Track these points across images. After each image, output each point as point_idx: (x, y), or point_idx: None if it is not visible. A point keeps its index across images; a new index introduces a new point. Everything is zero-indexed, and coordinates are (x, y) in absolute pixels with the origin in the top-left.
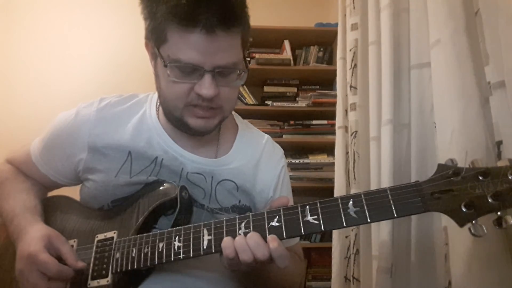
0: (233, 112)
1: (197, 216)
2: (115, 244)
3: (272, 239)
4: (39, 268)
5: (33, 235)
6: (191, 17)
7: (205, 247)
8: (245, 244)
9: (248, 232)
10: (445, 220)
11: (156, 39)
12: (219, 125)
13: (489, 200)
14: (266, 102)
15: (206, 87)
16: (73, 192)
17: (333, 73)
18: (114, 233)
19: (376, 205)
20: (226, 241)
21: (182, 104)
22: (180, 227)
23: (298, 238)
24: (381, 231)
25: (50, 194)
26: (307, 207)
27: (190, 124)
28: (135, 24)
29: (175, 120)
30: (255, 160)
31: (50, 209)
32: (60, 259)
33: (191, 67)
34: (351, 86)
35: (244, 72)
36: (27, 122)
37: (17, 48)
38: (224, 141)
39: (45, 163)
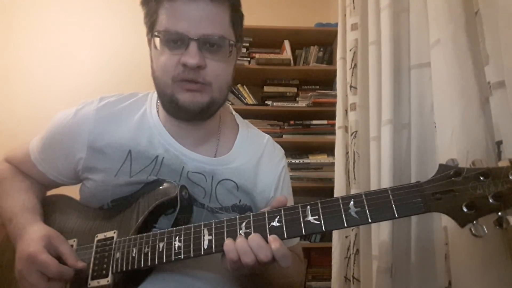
0: (234, 112)
1: (197, 215)
2: (115, 244)
3: (273, 240)
4: (39, 268)
5: (33, 235)
6: None
7: (205, 247)
8: (247, 246)
9: (248, 232)
10: (445, 220)
11: (149, 21)
12: (211, 108)
13: (490, 201)
14: (266, 102)
15: (191, 55)
16: (72, 192)
17: (333, 73)
18: (114, 232)
19: (377, 205)
20: (228, 244)
21: (170, 79)
22: (181, 227)
23: (298, 238)
24: (381, 231)
25: (50, 193)
26: (308, 207)
27: (180, 101)
28: (135, 25)
29: (168, 102)
30: (255, 160)
31: (50, 209)
32: (59, 259)
33: (176, 35)
34: (351, 86)
35: (236, 47)
36: (27, 122)
37: (17, 48)
38: (224, 140)
39: (44, 162)
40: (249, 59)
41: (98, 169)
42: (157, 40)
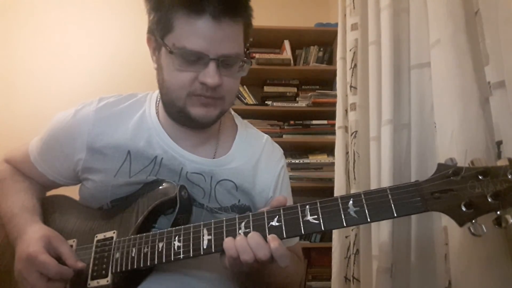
0: (233, 112)
1: (196, 215)
2: (114, 244)
3: (272, 239)
4: (38, 268)
5: (32, 236)
6: (198, 4)
7: (205, 246)
8: (246, 244)
9: (248, 232)
10: (445, 220)
11: (161, 29)
12: (219, 118)
13: (489, 200)
14: (266, 102)
15: (211, 75)
16: (72, 192)
17: (333, 73)
18: (114, 233)
19: (376, 204)
20: (228, 241)
21: (185, 94)
22: (180, 226)
23: (298, 238)
24: (381, 231)
25: (49, 193)
26: (307, 206)
27: (192, 114)
28: (134, 24)
29: (177, 112)
30: (254, 160)
31: (49, 209)
32: (59, 259)
33: (196, 54)
34: (351, 86)
35: (246, 64)
36: (27, 122)
37: (17, 48)
38: (223, 141)
39: (43, 162)
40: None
41: (97, 169)
42: (170, 53)
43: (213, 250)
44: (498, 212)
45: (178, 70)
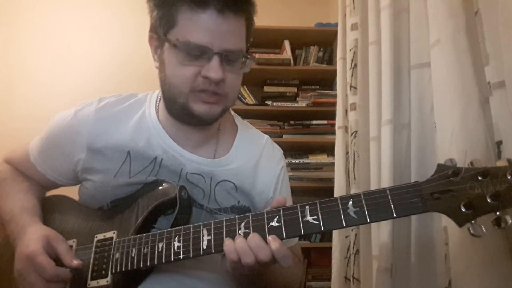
0: (233, 113)
1: (196, 216)
2: (114, 244)
3: (273, 240)
4: (36, 270)
5: (32, 236)
6: None
7: (204, 247)
8: (246, 246)
9: (248, 233)
10: (445, 220)
11: (165, 24)
12: (222, 115)
13: (488, 200)
14: (266, 102)
15: (214, 69)
16: (72, 192)
17: (333, 73)
18: (114, 233)
19: (376, 205)
20: (228, 245)
21: (188, 89)
22: (180, 227)
23: (297, 239)
24: (381, 231)
25: (49, 194)
26: (307, 207)
27: (195, 110)
28: (135, 24)
29: (179, 109)
30: (254, 161)
31: (49, 209)
32: (58, 259)
33: (199, 48)
34: (351, 86)
35: (248, 60)
36: (27, 122)
37: (17, 48)
38: (223, 141)
39: (43, 162)
40: None
41: (97, 170)
42: (174, 47)
43: (213, 251)
44: (498, 213)
45: (182, 64)
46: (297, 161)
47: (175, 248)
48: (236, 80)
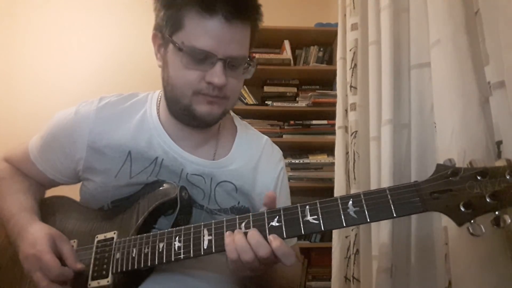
0: (232, 113)
1: (196, 216)
2: (115, 245)
3: (274, 239)
4: (42, 268)
5: (37, 235)
6: (212, 4)
7: (205, 247)
8: (246, 243)
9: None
10: (445, 220)
11: (171, 26)
12: (222, 117)
13: (487, 200)
14: (266, 102)
15: (218, 75)
16: (72, 192)
17: (333, 73)
18: (114, 233)
19: (376, 205)
20: (229, 244)
21: (191, 92)
22: (180, 227)
23: (295, 239)
24: (381, 231)
25: (49, 194)
26: (307, 207)
27: (197, 111)
28: (135, 24)
29: (181, 110)
30: (254, 162)
31: (50, 210)
32: (61, 259)
33: (204, 54)
34: (351, 86)
35: (251, 66)
36: (27, 121)
37: (18, 48)
38: (223, 142)
39: (43, 161)
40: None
41: (98, 169)
42: (179, 50)
43: (213, 251)
44: (497, 212)
45: (186, 68)
46: (297, 161)
47: (176, 248)
48: (238, 84)
